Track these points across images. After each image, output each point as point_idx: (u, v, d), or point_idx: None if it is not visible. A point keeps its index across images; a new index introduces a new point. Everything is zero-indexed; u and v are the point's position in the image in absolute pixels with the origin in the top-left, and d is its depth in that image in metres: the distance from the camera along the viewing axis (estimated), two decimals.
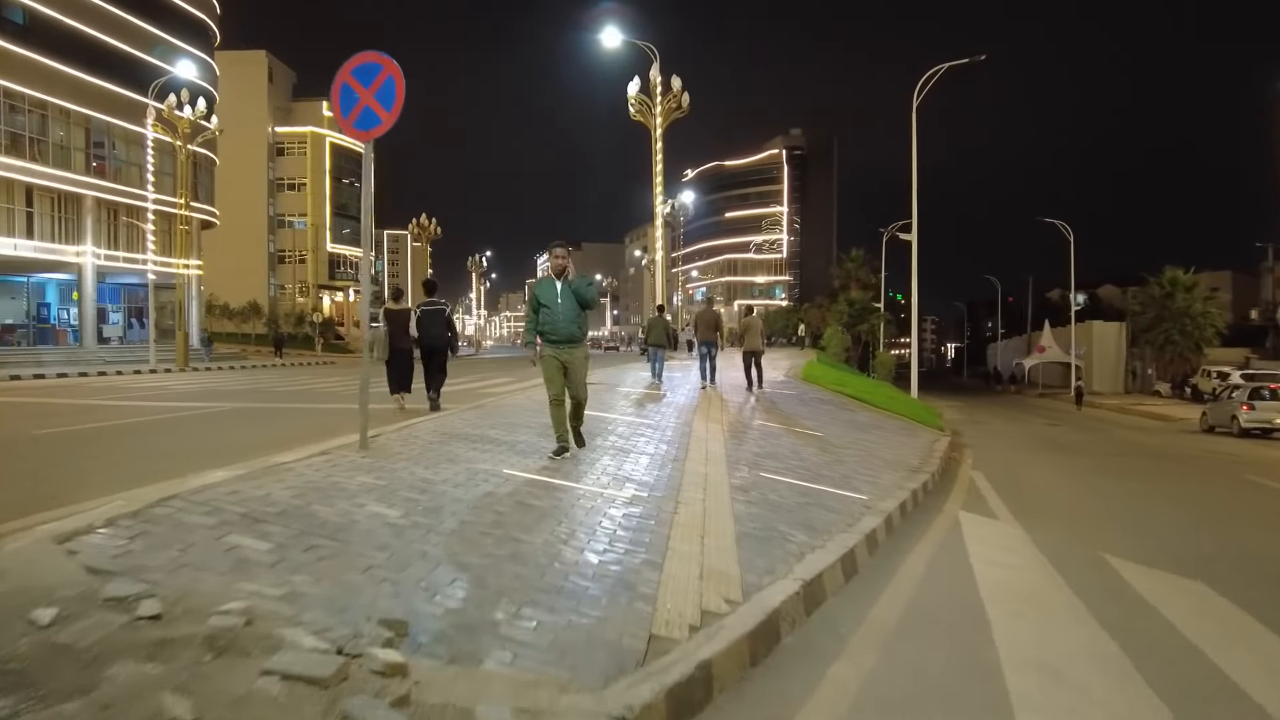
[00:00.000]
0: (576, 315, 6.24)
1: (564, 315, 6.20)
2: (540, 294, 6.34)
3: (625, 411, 10.36)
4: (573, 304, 6.21)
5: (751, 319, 16.25)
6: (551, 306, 6.22)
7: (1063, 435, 20.60)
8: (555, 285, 6.29)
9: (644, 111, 28.68)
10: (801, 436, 10.41)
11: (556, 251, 6.32)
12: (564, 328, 6.21)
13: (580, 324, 6.29)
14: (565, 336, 6.22)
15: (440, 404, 10.65)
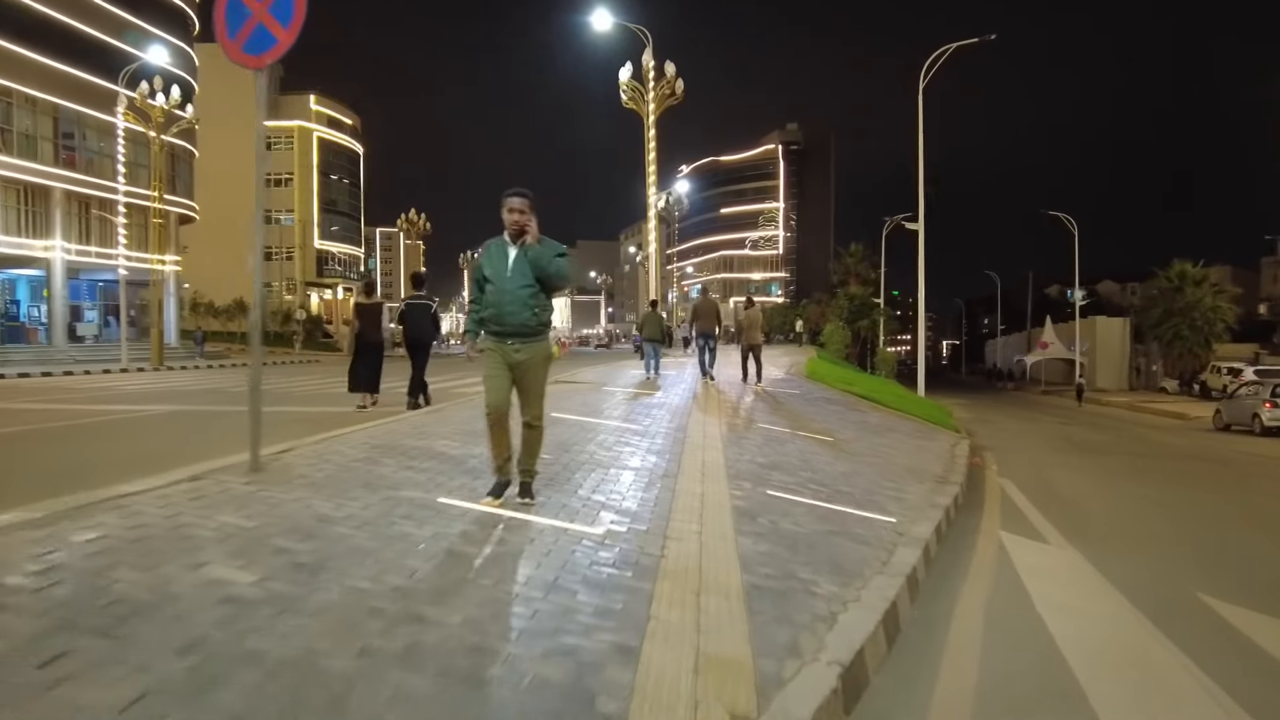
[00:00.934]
0: (533, 297, 4.32)
1: (515, 296, 4.30)
2: (486, 264, 4.44)
3: (611, 415, 9.16)
4: (528, 279, 4.30)
5: (752, 311, 15.33)
6: (499, 282, 4.33)
7: (1080, 435, 19.45)
8: (508, 253, 4.39)
9: (636, 98, 27.52)
10: (811, 441, 9.22)
11: (513, 203, 4.35)
12: (514, 313, 4.31)
13: (538, 310, 4.38)
14: (516, 327, 4.34)
15: (420, 402, 9.95)
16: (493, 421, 4.48)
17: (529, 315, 4.36)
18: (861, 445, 9.84)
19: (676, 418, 9.31)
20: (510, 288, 4.31)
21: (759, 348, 14.94)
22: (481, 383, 4.54)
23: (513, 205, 4.36)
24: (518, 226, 4.34)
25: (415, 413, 9.00)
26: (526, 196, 4.38)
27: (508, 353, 4.38)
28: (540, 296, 4.38)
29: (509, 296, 4.32)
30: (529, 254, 4.31)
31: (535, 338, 4.44)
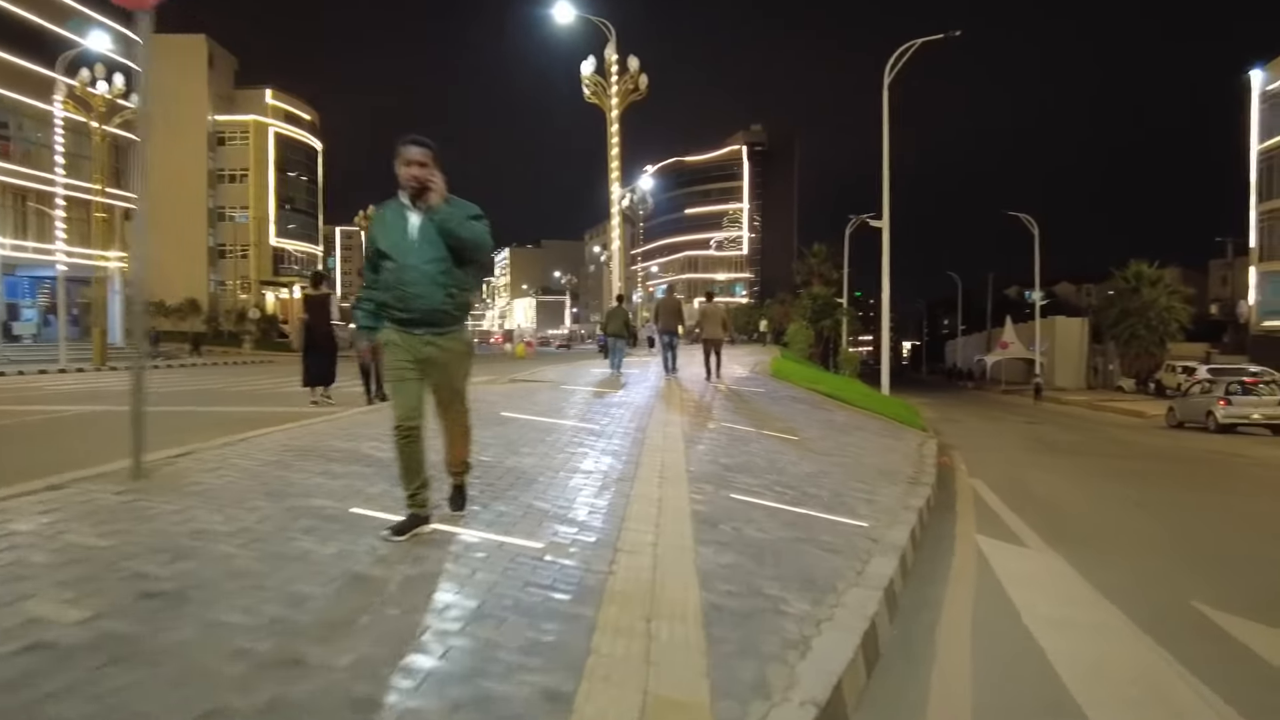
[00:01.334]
0: (445, 274, 3.41)
1: (421, 273, 3.39)
2: (380, 234, 3.51)
3: (568, 414, 8.65)
4: (438, 251, 3.39)
5: (712, 305, 14.94)
6: (400, 256, 3.40)
7: (1048, 434, 19.39)
8: (408, 218, 3.44)
9: (599, 93, 27.00)
10: (777, 441, 8.81)
11: (410, 153, 3.40)
12: (422, 295, 3.40)
13: (453, 290, 3.46)
14: (425, 313, 3.43)
15: (375, 398, 9.72)
16: (402, 438, 3.51)
17: (441, 298, 3.41)
18: (828, 444, 9.46)
19: (637, 417, 8.83)
20: (415, 263, 3.37)
21: (720, 343, 14.63)
22: None
23: (410, 156, 3.37)
24: (417, 183, 3.36)
25: (352, 411, 8.44)
26: (428, 147, 3.42)
27: (416, 346, 3.46)
28: (455, 273, 3.43)
29: (414, 275, 3.37)
30: (436, 218, 3.36)
31: (452, 327, 3.51)
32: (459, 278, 3.48)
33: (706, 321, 14.63)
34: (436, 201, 3.35)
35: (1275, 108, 38.90)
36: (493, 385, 12.25)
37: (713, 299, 15.34)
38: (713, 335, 14.52)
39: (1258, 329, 40.09)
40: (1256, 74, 40.05)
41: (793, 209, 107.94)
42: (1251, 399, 21.40)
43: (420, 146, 3.40)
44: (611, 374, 14.70)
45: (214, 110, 65.15)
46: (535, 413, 8.36)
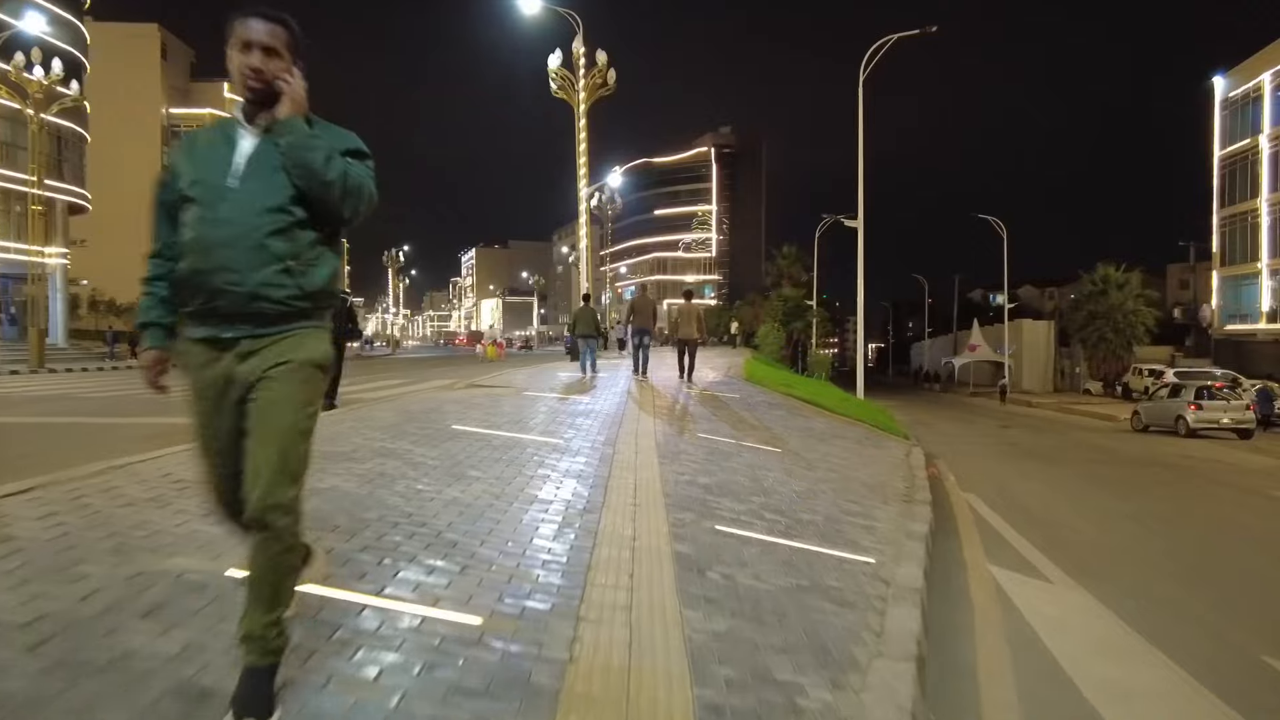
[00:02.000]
0: (281, 231, 1.98)
1: (239, 227, 1.96)
2: (185, 164, 2.06)
3: (530, 426, 7.80)
4: (277, 195, 1.99)
5: (687, 305, 14.53)
6: (206, 201, 1.98)
7: (1023, 439, 18.98)
8: (234, 142, 2.04)
9: (566, 87, 26.19)
10: (759, 454, 8.06)
11: (251, 31, 2.02)
12: (235, 264, 1.95)
13: (295, 261, 2.01)
14: (240, 298, 1.97)
15: (336, 402, 9.35)
16: (222, 521, 2.18)
17: (272, 274, 1.97)
18: (813, 456, 8.74)
19: (606, 428, 8.02)
20: (231, 213, 1.95)
21: (694, 344, 14.32)
22: (405, 384, 3.18)
23: (250, 36, 2.01)
24: (258, 80, 2.01)
25: None
26: (282, 24, 2.05)
27: (226, 366, 2.01)
28: (301, 236, 2.01)
29: (226, 232, 1.94)
30: (283, 141, 1.98)
31: (288, 327, 2.03)
32: (307, 243, 2.01)
33: (682, 322, 14.33)
34: (288, 112, 1.98)
35: (1236, 114, 39.31)
36: (449, 390, 11.34)
37: (690, 299, 14.91)
38: (687, 336, 14.24)
39: (1220, 332, 40.49)
40: (1219, 81, 40.48)
41: (761, 211, 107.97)
42: (1220, 403, 21.37)
43: (267, 21, 2.02)
44: (581, 377, 14.16)
45: (168, 103, 63.05)
46: (492, 425, 7.50)
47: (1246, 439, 20.16)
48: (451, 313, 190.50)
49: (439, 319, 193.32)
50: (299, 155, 1.97)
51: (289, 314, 2.02)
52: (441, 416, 7.80)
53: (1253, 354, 36.95)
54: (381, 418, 7.50)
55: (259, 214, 1.97)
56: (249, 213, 1.96)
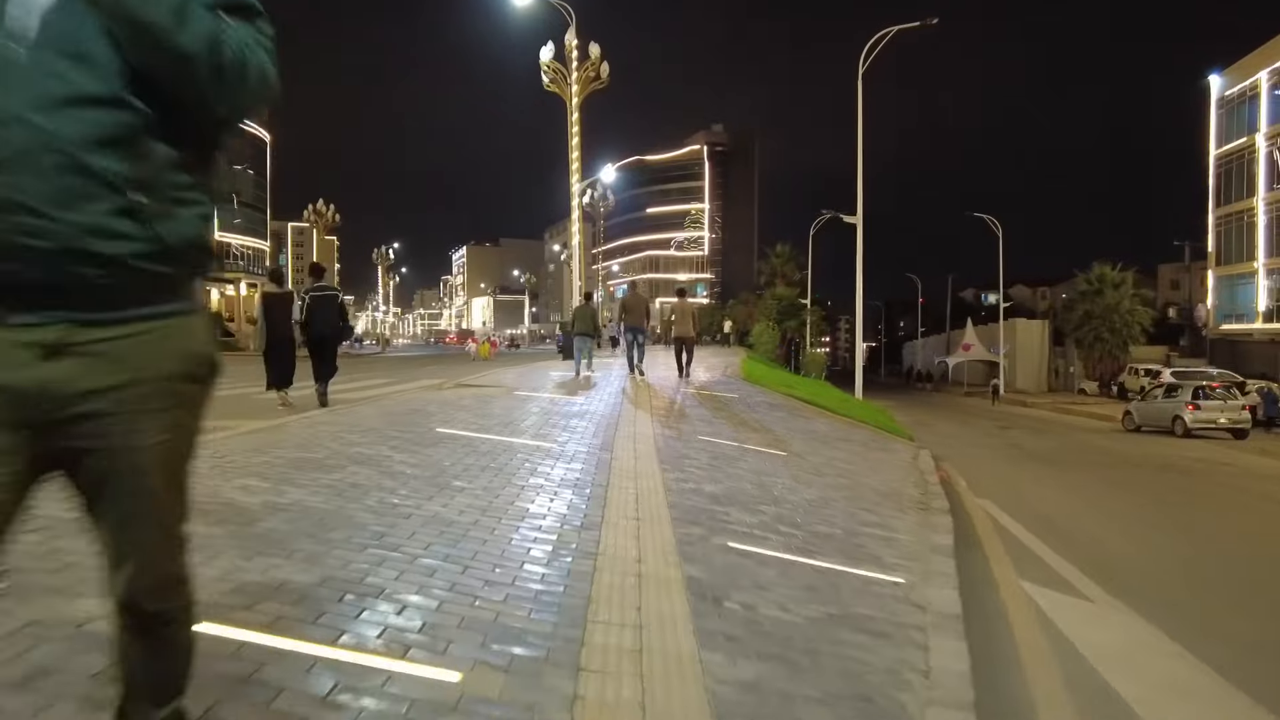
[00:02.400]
0: (110, 142, 1.12)
1: (36, 123, 1.08)
2: None
3: (521, 428, 7.31)
4: (105, 69, 1.12)
5: (684, 303, 14.77)
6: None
7: (1025, 441, 18.59)
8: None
9: (559, 80, 25.66)
10: (764, 458, 7.60)
11: None
12: (37, 196, 1.08)
13: (148, 182, 1.16)
14: (53, 256, 1.10)
15: (328, 399, 9.21)
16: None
17: (101, 212, 1.12)
18: (820, 461, 8.29)
19: (602, 431, 7.54)
20: (19, 109, 1.08)
21: (691, 341, 14.38)
22: (391, 384, 2.66)
23: None
24: None
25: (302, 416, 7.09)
26: None
27: (14, 373, 1.14)
28: (153, 149, 1.17)
29: (11, 138, 1.08)
30: None
31: (136, 310, 1.21)
32: (163, 166, 1.19)
33: (678, 320, 14.39)
34: None
35: (1232, 113, 39.13)
36: (436, 391, 10.83)
37: (685, 297, 15.09)
38: (684, 334, 14.25)
39: (1215, 332, 40.31)
40: (1215, 79, 40.29)
41: (753, 210, 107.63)
42: (1216, 403, 21.15)
43: None
44: (576, 377, 13.84)
45: None
46: (480, 427, 7.01)
47: (1241, 439, 19.97)
48: (442, 311, 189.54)
49: (430, 317, 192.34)
50: (129, 6, 1.09)
51: (137, 286, 1.19)
52: (426, 418, 7.30)
53: (1248, 354, 36.77)
54: (361, 419, 6.99)
55: (67, 106, 1.10)
56: (48, 104, 1.09)
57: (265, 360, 9.42)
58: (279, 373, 9.40)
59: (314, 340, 9.34)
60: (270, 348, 9.33)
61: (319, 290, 9.42)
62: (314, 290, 9.41)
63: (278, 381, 9.41)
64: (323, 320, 9.22)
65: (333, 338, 9.49)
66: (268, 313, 9.32)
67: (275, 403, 9.59)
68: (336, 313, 9.50)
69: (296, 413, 8.00)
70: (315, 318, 9.19)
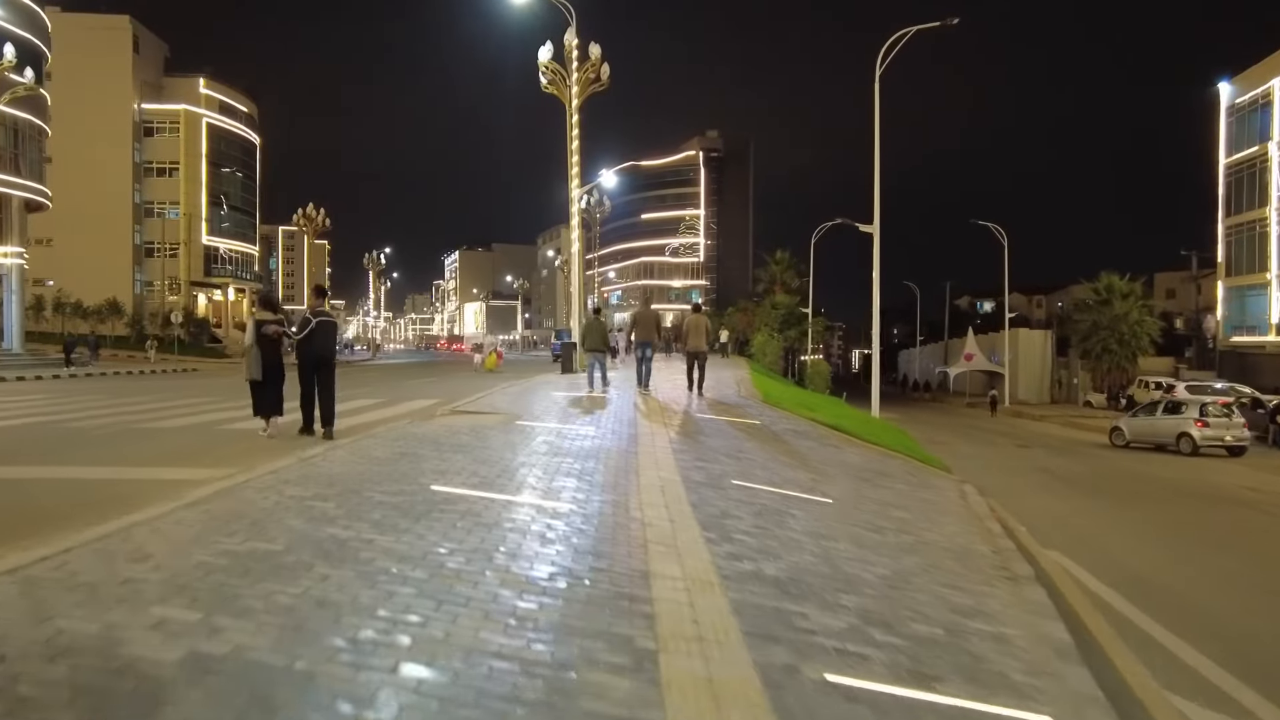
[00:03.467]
0: None
1: None
2: None
3: (527, 479, 6.20)
4: None
5: (698, 317, 14.48)
6: None
7: (1052, 463, 17.59)
8: None
9: (558, 82, 24.56)
10: (810, 510, 6.53)
11: None
12: None
13: None
14: None
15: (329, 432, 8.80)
16: None
17: None
18: (871, 509, 7.23)
19: (623, 476, 6.45)
20: None
21: (704, 355, 14.34)
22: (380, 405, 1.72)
23: None
24: None
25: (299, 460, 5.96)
26: None
27: None
28: None
29: None
30: None
31: None
32: None
33: (691, 333, 14.16)
34: None
35: (1243, 121, 38.40)
36: (429, 420, 9.70)
37: (699, 310, 14.80)
38: (696, 348, 14.09)
39: (1225, 344, 39.54)
40: (1225, 87, 39.58)
41: (748, 217, 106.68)
42: (1223, 420, 20.56)
43: None
44: (589, 392, 13.62)
45: (140, 98, 60.79)
46: (481, 480, 5.89)
47: (1238, 456, 19.34)
48: (434, 316, 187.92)
49: (421, 322, 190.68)
50: None
51: None
52: (416, 466, 6.17)
53: (1259, 366, 35.99)
54: (339, 473, 5.86)
55: None
56: None
57: (254, 388, 8.96)
58: (270, 400, 9.04)
59: (313, 363, 8.96)
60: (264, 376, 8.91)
61: (323, 315, 9.08)
62: (318, 314, 9.04)
63: (268, 410, 9.05)
64: (324, 345, 8.98)
65: (331, 361, 9.19)
66: (262, 341, 8.89)
67: (257, 430, 9.09)
68: (335, 338, 9.33)
69: (269, 457, 6.88)
70: (317, 341, 8.89)
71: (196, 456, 7.71)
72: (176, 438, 9.69)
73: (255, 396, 9.05)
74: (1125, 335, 37.02)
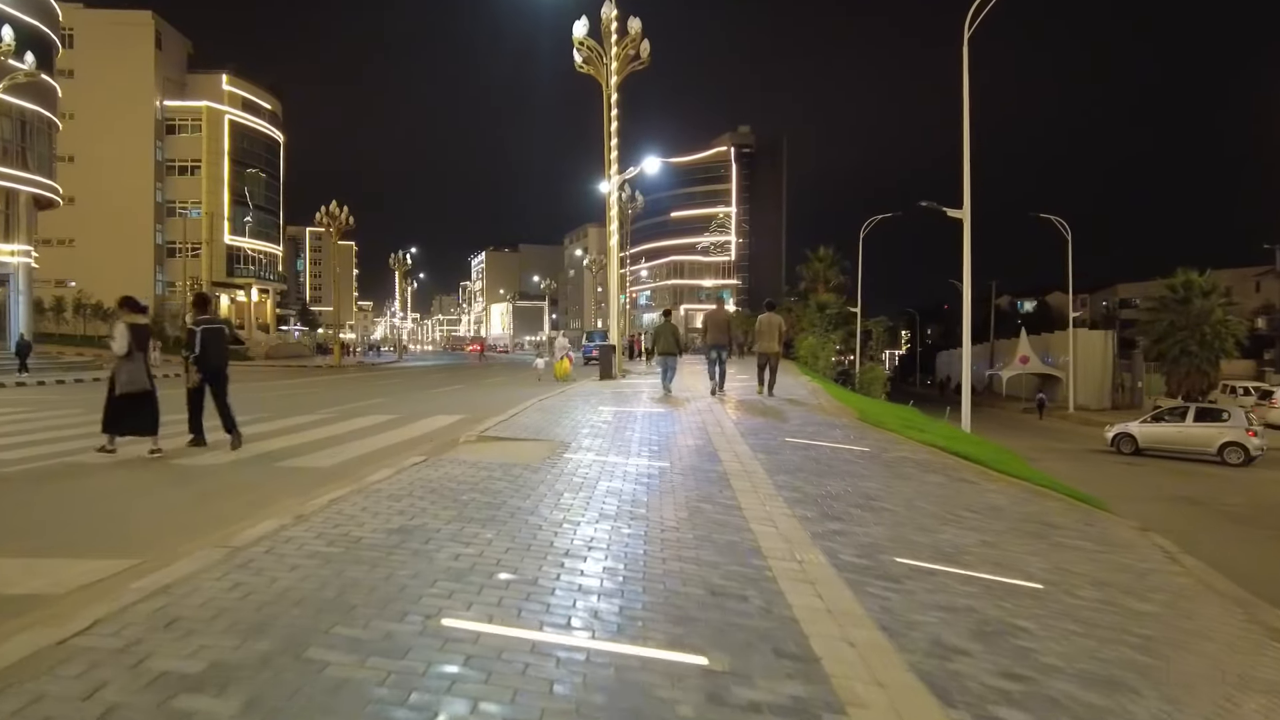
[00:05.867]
0: None
1: None
2: None
3: (595, 591, 3.91)
4: None
5: (770, 316, 13.81)
6: None
7: (1187, 488, 14.97)
8: None
9: (594, 60, 22.28)
10: (1017, 600, 4.17)
11: None
12: None
13: None
14: None
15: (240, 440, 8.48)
16: None
17: None
18: (1091, 595, 4.86)
19: (730, 558, 4.14)
20: None
21: (776, 357, 14.00)
22: None
23: None
24: None
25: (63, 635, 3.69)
26: None
27: None
28: None
29: None
30: None
31: None
32: None
33: (764, 334, 13.69)
34: None
35: None
36: (444, 457, 7.39)
37: (773, 309, 14.07)
38: (768, 349, 13.71)
39: None
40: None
41: (781, 214, 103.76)
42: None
43: None
44: (665, 392, 13.56)
45: (163, 95, 59.62)
46: (519, 598, 3.53)
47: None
48: (461, 317, 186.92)
49: (448, 323, 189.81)
50: None
51: None
52: (412, 568, 3.82)
53: None
54: (284, 583, 3.51)
55: None
56: None
57: (112, 403, 7.81)
58: (136, 416, 8.00)
59: (211, 374, 8.56)
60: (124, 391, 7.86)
61: (209, 324, 8.69)
62: (205, 324, 8.59)
63: (133, 426, 8.00)
64: (217, 354, 8.62)
65: (225, 372, 8.80)
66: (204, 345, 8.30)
67: (101, 447, 7.90)
68: (227, 346, 8.93)
69: (186, 534, 4.63)
70: (210, 352, 8.47)
71: (96, 534, 5.35)
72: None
73: (107, 411, 7.86)
74: (1207, 336, 33.92)
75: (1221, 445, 19.95)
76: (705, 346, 13.92)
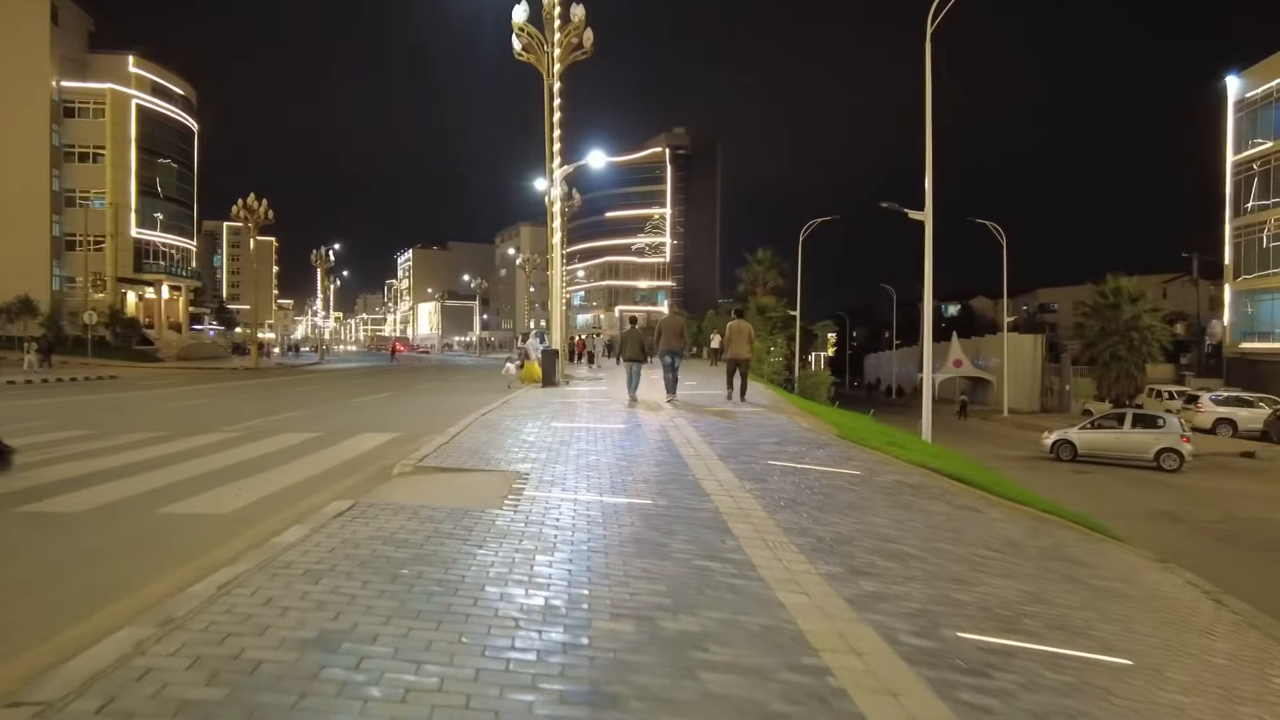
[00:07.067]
0: None
1: None
2: None
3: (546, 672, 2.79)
4: None
5: (741, 323, 13.96)
6: None
7: (1156, 501, 14.66)
8: None
9: (534, 47, 21.03)
10: (1093, 675, 3.23)
11: None
12: None
13: None
14: None
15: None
16: None
17: None
18: (1158, 661, 3.97)
19: (763, 652, 3.08)
20: None
21: (746, 363, 14.18)
22: None
23: None
24: None
25: None
26: None
27: None
28: None
29: None
30: None
31: None
32: None
33: (733, 341, 13.72)
34: None
35: (1254, 117, 36.49)
36: (375, 496, 6.11)
37: (743, 315, 14.42)
38: (738, 355, 13.79)
39: (1233, 350, 37.64)
40: (1233, 81, 37.65)
41: (715, 216, 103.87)
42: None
43: None
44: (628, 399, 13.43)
45: (60, 75, 55.22)
46: None
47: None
48: (386, 316, 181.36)
49: (373, 323, 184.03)
50: None
51: None
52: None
53: (1270, 374, 34.01)
54: None
55: None
56: None
57: None
58: None
59: None
60: None
61: None
62: None
63: None
64: None
65: None
66: None
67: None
68: None
69: None
70: None
71: None
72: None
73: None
74: (1135, 341, 34.73)
75: (1158, 451, 20.19)
76: (660, 352, 13.72)
